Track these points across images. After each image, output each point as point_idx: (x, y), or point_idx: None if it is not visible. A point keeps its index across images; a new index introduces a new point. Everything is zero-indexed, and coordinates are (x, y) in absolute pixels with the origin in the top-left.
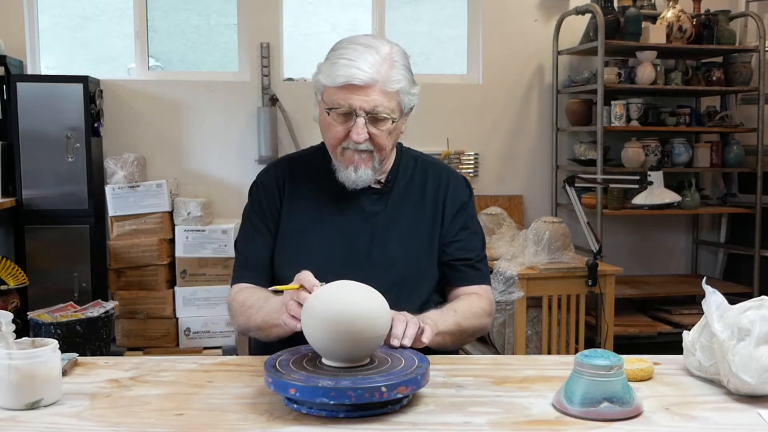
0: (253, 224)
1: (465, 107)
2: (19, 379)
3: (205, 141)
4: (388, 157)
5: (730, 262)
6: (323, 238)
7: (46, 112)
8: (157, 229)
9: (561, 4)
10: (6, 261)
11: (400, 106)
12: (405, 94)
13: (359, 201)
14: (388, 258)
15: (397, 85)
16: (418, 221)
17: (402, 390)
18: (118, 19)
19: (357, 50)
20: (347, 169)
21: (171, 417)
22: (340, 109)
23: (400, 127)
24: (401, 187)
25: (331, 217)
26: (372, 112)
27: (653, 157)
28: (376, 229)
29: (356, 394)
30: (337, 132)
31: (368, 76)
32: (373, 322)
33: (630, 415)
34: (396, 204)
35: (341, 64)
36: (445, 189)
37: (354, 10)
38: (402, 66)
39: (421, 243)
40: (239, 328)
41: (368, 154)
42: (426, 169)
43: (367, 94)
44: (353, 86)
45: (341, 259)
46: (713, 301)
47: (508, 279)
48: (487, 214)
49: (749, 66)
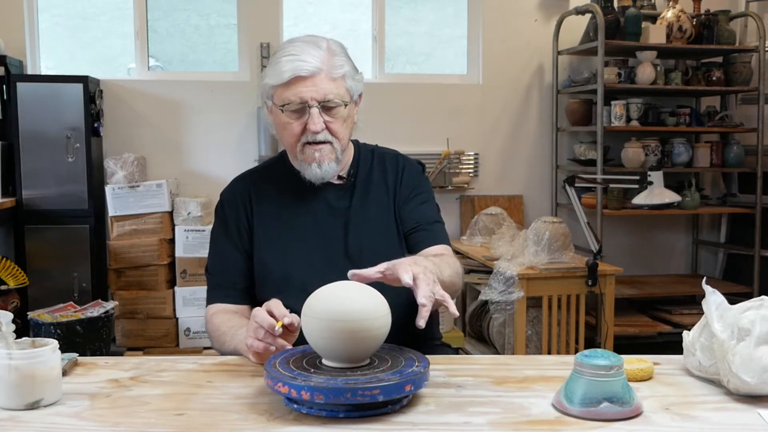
0: (221, 244)
1: (465, 107)
2: (19, 379)
3: (205, 141)
4: (347, 151)
5: (730, 262)
6: (299, 240)
7: (46, 112)
8: (157, 229)
9: (561, 4)
10: (6, 261)
11: (348, 92)
12: (350, 78)
13: (325, 198)
14: (363, 250)
15: (341, 70)
16: (383, 210)
17: (404, 390)
18: (118, 19)
19: (297, 46)
20: (311, 165)
21: (171, 417)
22: (292, 104)
23: (353, 116)
24: (363, 179)
25: (302, 218)
26: (323, 101)
27: (653, 157)
28: (348, 223)
29: (356, 395)
30: (293, 129)
31: (313, 66)
32: (373, 322)
33: (630, 415)
34: (361, 196)
35: (285, 61)
36: (401, 171)
37: (354, 10)
38: (341, 53)
39: (391, 231)
40: (216, 350)
41: (328, 146)
42: (383, 159)
43: (315, 84)
44: (300, 78)
45: (319, 258)
46: (713, 301)
47: (508, 279)
48: (487, 214)
49: (749, 66)
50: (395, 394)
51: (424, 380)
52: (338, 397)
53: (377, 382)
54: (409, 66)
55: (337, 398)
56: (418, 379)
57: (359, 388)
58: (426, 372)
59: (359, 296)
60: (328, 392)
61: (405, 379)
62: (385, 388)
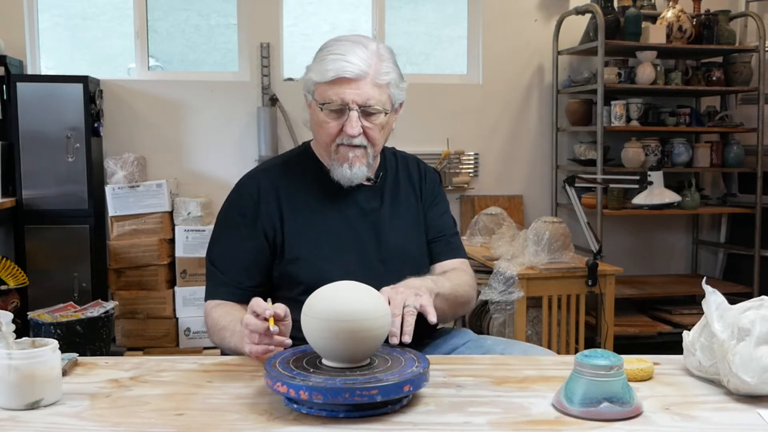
0: (232, 238)
1: (465, 107)
2: (19, 379)
3: (205, 141)
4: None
5: (730, 262)
6: (332, 242)
7: (46, 112)
8: (157, 229)
9: (561, 4)
10: (6, 261)
11: (390, 100)
12: (394, 87)
13: (356, 198)
14: (396, 253)
15: (387, 77)
16: (412, 212)
17: (402, 390)
18: (118, 19)
19: (345, 45)
20: (342, 166)
21: (171, 417)
22: (332, 104)
23: (391, 123)
24: (390, 181)
25: (334, 218)
26: (364, 105)
27: (653, 157)
28: (379, 225)
29: (356, 395)
30: (330, 128)
31: (359, 69)
32: (373, 322)
33: (630, 415)
34: (391, 198)
35: (331, 59)
36: (423, 176)
37: (354, 10)
38: (390, 60)
39: (420, 233)
40: (216, 344)
41: (362, 150)
42: (405, 161)
43: (359, 87)
44: (344, 79)
45: (354, 261)
46: (713, 301)
47: (508, 279)
48: (487, 214)
49: (749, 66)
50: (394, 395)
51: (424, 380)
52: (338, 396)
53: (376, 382)
54: (409, 66)
55: (337, 398)
56: (419, 379)
57: (357, 388)
58: (426, 372)
59: (359, 296)
60: (328, 392)
61: (405, 379)
62: (385, 389)
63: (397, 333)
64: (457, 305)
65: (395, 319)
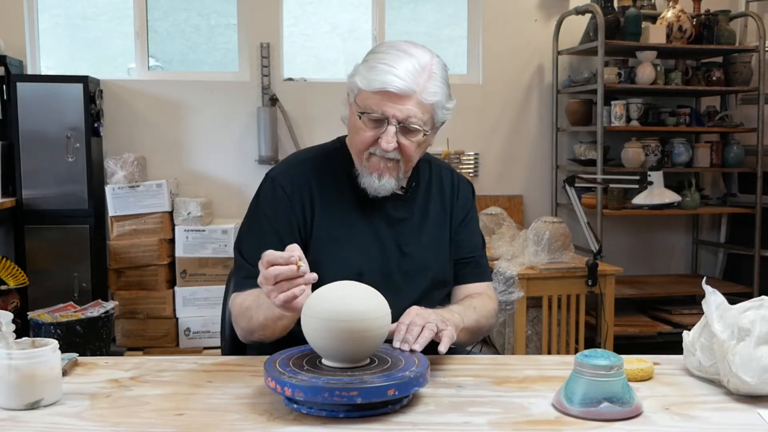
0: (264, 230)
1: (465, 107)
2: (19, 379)
3: (205, 141)
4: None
5: (730, 262)
6: (358, 246)
7: (46, 112)
8: (157, 229)
9: (561, 4)
10: (6, 261)
11: (433, 120)
12: (440, 108)
13: (384, 207)
14: (419, 265)
15: (434, 98)
16: (439, 226)
17: (402, 390)
18: (118, 19)
19: (397, 56)
20: (371, 175)
21: (171, 417)
22: (372, 114)
23: (429, 141)
24: (422, 192)
25: (362, 223)
26: (404, 122)
27: (653, 157)
28: (403, 237)
29: (356, 395)
30: (366, 137)
31: (406, 85)
32: (373, 322)
33: (630, 415)
34: (420, 210)
35: (380, 69)
36: (456, 192)
37: (354, 10)
38: (440, 78)
39: (443, 248)
40: (243, 332)
41: (394, 163)
42: (439, 171)
43: (403, 103)
44: (389, 93)
45: (377, 267)
46: (713, 301)
47: (508, 279)
48: (487, 214)
49: (749, 66)
50: (395, 395)
51: (424, 380)
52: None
53: (377, 383)
54: None
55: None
56: (419, 379)
57: (359, 388)
58: (426, 372)
59: (359, 296)
60: (329, 392)
61: (405, 379)
62: (385, 389)
63: (410, 340)
64: (479, 335)
65: (414, 327)
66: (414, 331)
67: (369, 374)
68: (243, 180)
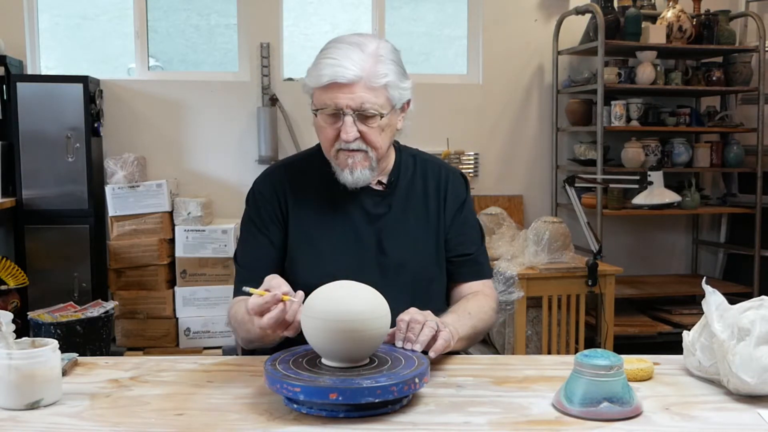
0: (252, 236)
1: (465, 107)
2: (19, 379)
3: (205, 141)
4: (387, 156)
5: (730, 262)
6: (332, 245)
7: (46, 112)
8: (157, 229)
9: (561, 4)
10: (6, 261)
11: (390, 101)
12: (394, 88)
13: (362, 203)
14: (398, 262)
15: (384, 79)
16: (423, 222)
17: (402, 390)
18: (118, 19)
19: (341, 49)
20: (344, 171)
21: (171, 417)
22: (327, 109)
23: (394, 124)
24: (403, 187)
25: (337, 221)
26: (359, 110)
27: (653, 157)
28: (382, 232)
29: (356, 395)
30: (327, 133)
31: (352, 74)
32: (373, 322)
33: (630, 415)
34: (400, 205)
35: (325, 64)
36: (444, 187)
37: (354, 10)
38: (390, 60)
39: (429, 245)
40: (242, 341)
41: (363, 154)
42: (425, 167)
43: (353, 91)
44: (338, 84)
45: (352, 264)
46: (713, 301)
47: (508, 279)
48: (487, 214)
49: (749, 66)
50: (395, 394)
51: (424, 380)
52: (338, 397)
53: (377, 383)
54: (409, 66)
55: (337, 398)
56: (418, 379)
57: (359, 388)
58: (426, 372)
59: (359, 296)
60: (328, 392)
61: (405, 379)
62: (385, 388)
63: (412, 339)
64: (476, 339)
65: (416, 325)
66: (416, 329)
67: (370, 374)
68: (243, 180)
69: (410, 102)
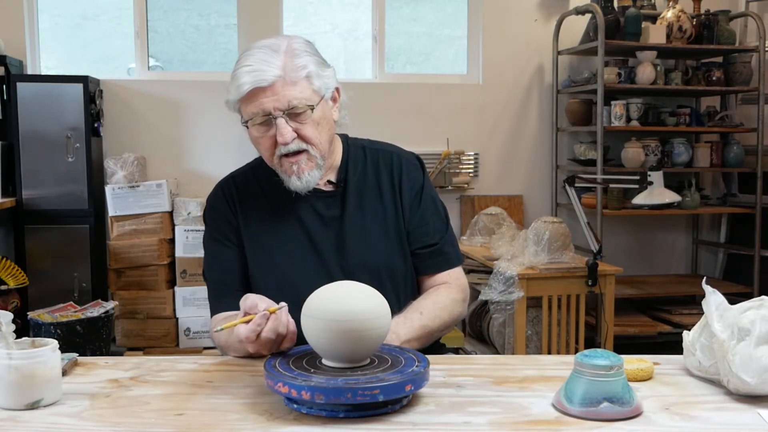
0: (214, 250)
1: (465, 107)
2: (19, 379)
3: (205, 141)
4: (332, 152)
5: (730, 262)
6: (289, 252)
7: (46, 112)
8: (157, 229)
9: (561, 4)
10: (6, 261)
11: (316, 92)
12: (316, 77)
13: (314, 207)
14: (360, 262)
15: (303, 71)
16: (380, 218)
17: (402, 390)
18: (118, 19)
19: (255, 55)
20: (291, 178)
21: (171, 417)
22: (256, 118)
23: (329, 116)
24: (355, 183)
25: (291, 228)
26: (287, 109)
27: (653, 157)
28: (342, 235)
29: (356, 395)
30: (265, 143)
31: (272, 75)
32: (373, 322)
33: (630, 415)
34: (354, 203)
35: (243, 72)
36: (399, 175)
37: (354, 10)
38: (304, 52)
39: (390, 241)
40: (235, 355)
41: (305, 155)
42: (376, 157)
43: (276, 92)
44: (261, 89)
45: (311, 271)
46: (713, 301)
47: (508, 279)
48: (487, 214)
49: (749, 66)
50: (395, 394)
51: (424, 380)
52: (339, 396)
53: (377, 382)
54: (409, 66)
55: (338, 398)
56: (418, 379)
57: (359, 387)
58: (426, 372)
59: (359, 296)
60: (329, 392)
61: (405, 379)
62: (385, 388)
63: None
64: (432, 338)
65: None
66: None
67: (370, 374)
68: None
69: (340, 91)
